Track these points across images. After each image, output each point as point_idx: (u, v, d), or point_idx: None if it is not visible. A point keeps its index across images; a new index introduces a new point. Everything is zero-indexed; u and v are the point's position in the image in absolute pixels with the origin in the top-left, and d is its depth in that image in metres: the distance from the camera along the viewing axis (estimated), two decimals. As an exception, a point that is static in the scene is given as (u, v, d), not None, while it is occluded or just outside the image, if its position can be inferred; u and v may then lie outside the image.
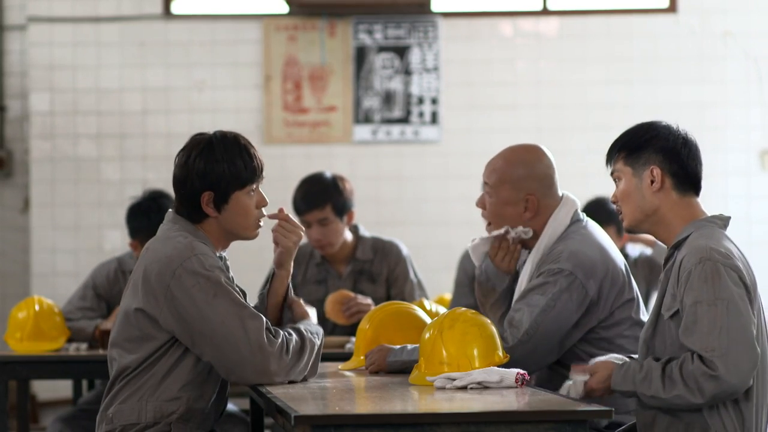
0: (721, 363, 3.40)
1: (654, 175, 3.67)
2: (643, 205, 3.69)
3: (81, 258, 8.43)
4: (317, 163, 8.26)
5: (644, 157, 3.69)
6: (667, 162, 3.67)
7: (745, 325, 3.43)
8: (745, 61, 8.52)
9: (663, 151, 3.68)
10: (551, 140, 8.46)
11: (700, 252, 3.51)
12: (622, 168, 3.73)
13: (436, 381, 3.57)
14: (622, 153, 3.73)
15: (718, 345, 3.41)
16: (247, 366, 3.66)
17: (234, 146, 3.78)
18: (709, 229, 3.62)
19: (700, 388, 3.42)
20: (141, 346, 3.71)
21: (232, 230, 3.83)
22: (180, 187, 3.79)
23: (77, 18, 8.53)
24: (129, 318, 3.73)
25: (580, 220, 4.21)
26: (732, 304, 3.44)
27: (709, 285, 3.47)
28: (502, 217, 4.22)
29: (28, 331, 5.38)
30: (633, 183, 3.71)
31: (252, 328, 3.66)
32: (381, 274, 5.76)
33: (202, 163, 3.75)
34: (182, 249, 3.69)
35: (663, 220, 3.68)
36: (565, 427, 3.07)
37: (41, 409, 8.61)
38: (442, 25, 8.54)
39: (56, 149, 8.51)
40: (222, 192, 3.76)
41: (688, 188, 3.68)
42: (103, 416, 3.76)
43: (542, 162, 4.25)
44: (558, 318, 4.02)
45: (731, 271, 3.49)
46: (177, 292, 3.65)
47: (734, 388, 3.41)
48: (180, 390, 3.71)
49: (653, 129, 3.72)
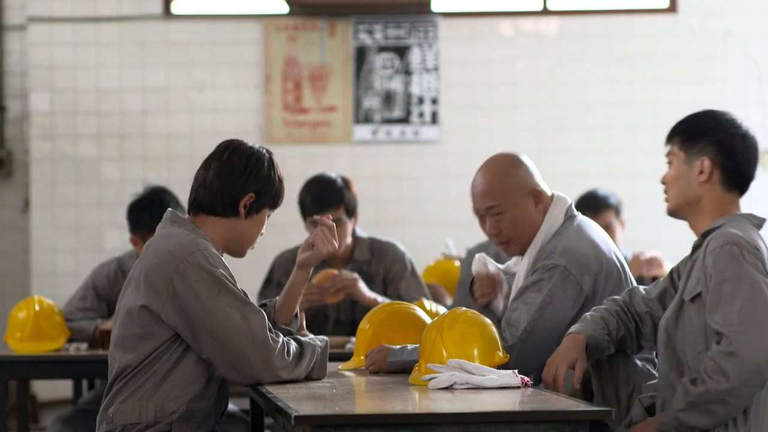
0: (739, 338, 3.37)
1: (704, 166, 3.66)
2: (687, 192, 3.69)
3: (81, 258, 8.43)
4: (317, 163, 8.26)
5: (699, 146, 3.67)
6: (720, 156, 3.66)
7: (767, 305, 3.41)
8: (745, 62, 8.52)
9: (719, 144, 3.66)
10: (551, 140, 8.48)
11: (727, 237, 3.51)
12: (676, 152, 3.72)
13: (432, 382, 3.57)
14: (679, 137, 3.71)
15: (738, 320, 3.39)
16: (251, 361, 3.66)
17: (279, 171, 3.91)
18: (742, 222, 3.62)
19: (723, 371, 3.38)
20: (142, 344, 3.71)
21: (240, 238, 3.87)
22: (228, 180, 3.81)
23: (77, 18, 8.53)
24: (131, 315, 3.73)
25: (574, 216, 4.22)
26: (756, 284, 3.43)
27: (735, 264, 3.46)
28: (524, 225, 4.20)
29: (28, 331, 5.38)
30: (683, 169, 3.70)
31: (255, 324, 3.67)
32: (378, 274, 5.76)
33: (265, 170, 3.84)
34: (186, 244, 3.71)
35: (702, 211, 3.68)
36: (564, 427, 3.07)
37: (41, 409, 8.60)
38: (442, 25, 8.54)
39: (56, 149, 8.51)
40: (259, 203, 3.85)
41: (734, 185, 3.67)
42: (104, 416, 3.76)
43: (520, 159, 4.29)
44: (555, 314, 4.02)
45: (755, 259, 3.48)
46: (180, 286, 3.66)
47: (757, 365, 3.36)
48: (181, 389, 3.71)
49: (714, 119, 3.71)
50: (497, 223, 4.20)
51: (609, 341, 3.82)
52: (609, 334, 3.82)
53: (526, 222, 4.19)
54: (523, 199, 4.20)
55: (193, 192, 3.87)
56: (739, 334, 3.38)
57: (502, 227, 4.20)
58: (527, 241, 4.21)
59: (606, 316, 3.84)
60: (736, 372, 3.37)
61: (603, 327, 3.82)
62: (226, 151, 3.86)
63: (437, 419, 3.06)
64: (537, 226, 4.19)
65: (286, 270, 5.83)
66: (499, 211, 4.19)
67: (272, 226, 8.67)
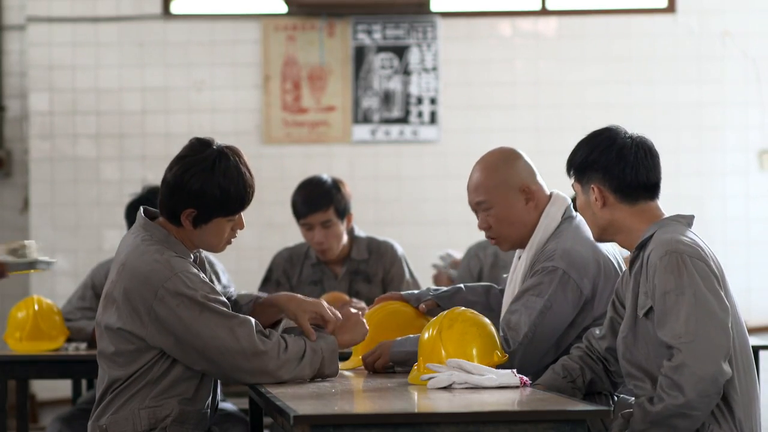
0: (687, 349, 3.38)
1: (595, 193, 3.69)
2: (597, 220, 3.72)
3: (80, 258, 8.43)
4: (316, 163, 8.27)
5: (586, 176, 3.73)
6: (607, 180, 3.69)
7: (713, 312, 3.42)
8: (744, 61, 8.52)
9: (600, 169, 3.70)
10: (550, 140, 8.48)
11: (665, 245, 3.52)
12: (575, 185, 3.78)
13: (431, 382, 3.57)
14: (572, 171, 3.77)
15: (685, 332, 3.40)
16: (247, 370, 3.66)
17: (234, 171, 3.74)
18: (671, 225, 3.62)
19: (677, 385, 3.39)
20: (131, 362, 3.69)
21: (201, 244, 3.82)
22: (168, 194, 3.76)
23: (76, 18, 8.53)
24: (112, 334, 3.70)
25: (572, 217, 4.21)
26: (698, 292, 3.43)
27: (675, 275, 3.46)
28: (510, 222, 4.19)
29: (27, 331, 5.38)
30: (583, 200, 3.75)
31: (243, 336, 3.65)
32: (376, 274, 5.78)
33: (198, 183, 3.71)
34: (161, 269, 3.65)
35: (622, 230, 3.70)
36: (564, 426, 3.07)
37: (41, 409, 8.61)
38: (440, 25, 8.54)
39: (55, 149, 8.52)
40: (206, 215, 3.75)
41: (638, 197, 3.68)
42: (95, 426, 3.74)
43: (517, 156, 4.28)
44: (554, 319, 4.03)
45: (698, 261, 3.48)
46: (162, 312, 3.63)
47: (710, 374, 3.37)
48: (173, 393, 3.70)
49: (591, 144, 3.75)
50: (486, 218, 4.21)
51: (574, 388, 3.83)
52: (573, 381, 3.84)
53: (513, 219, 4.19)
54: (513, 195, 4.19)
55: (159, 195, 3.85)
56: (687, 345, 3.39)
57: (491, 222, 4.21)
58: (516, 238, 4.21)
59: (568, 364, 3.87)
60: (690, 384, 3.38)
61: (565, 376, 3.84)
62: (177, 164, 3.78)
63: (436, 419, 3.06)
64: (527, 224, 4.19)
65: (284, 269, 5.86)
66: (488, 207, 4.20)
67: (272, 226, 8.63)
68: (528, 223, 4.19)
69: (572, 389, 3.82)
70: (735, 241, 8.26)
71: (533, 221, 4.19)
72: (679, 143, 8.40)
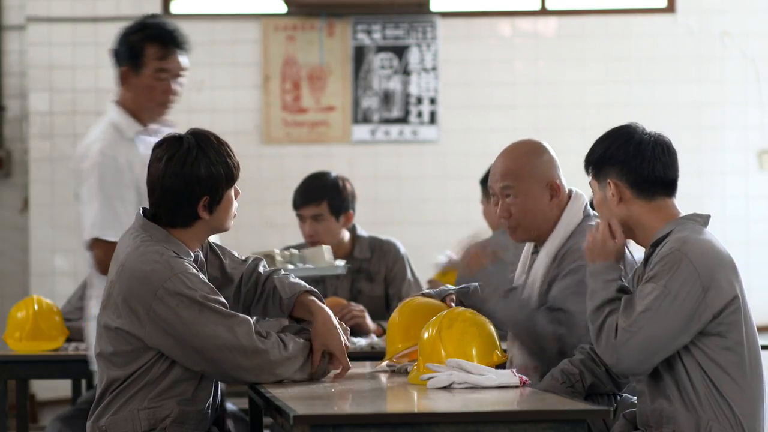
0: (625, 337, 3.46)
1: (612, 188, 3.69)
2: (612, 216, 3.70)
3: (80, 258, 8.42)
4: (316, 163, 8.26)
5: (604, 171, 3.72)
6: (624, 174, 3.68)
7: (666, 325, 3.44)
8: (743, 61, 8.53)
9: (618, 163, 3.69)
10: (549, 140, 8.37)
11: (677, 242, 3.53)
12: (592, 182, 3.78)
13: (431, 381, 3.57)
14: (590, 167, 3.77)
15: (634, 321, 3.46)
16: (245, 370, 3.67)
17: (219, 146, 3.82)
18: (688, 224, 3.62)
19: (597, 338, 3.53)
20: (129, 362, 3.69)
21: (216, 227, 3.81)
22: (175, 197, 3.73)
23: (76, 18, 8.53)
24: (111, 334, 3.70)
25: (590, 215, 4.22)
26: (671, 298, 3.45)
27: (667, 271, 3.48)
28: (534, 214, 4.18)
29: (27, 331, 5.39)
30: (600, 196, 3.75)
31: (242, 334, 3.65)
32: (379, 273, 5.78)
33: (203, 168, 3.73)
34: (161, 269, 3.65)
35: (638, 226, 3.69)
36: (564, 426, 3.08)
37: (40, 409, 8.61)
38: (440, 25, 8.55)
39: (55, 149, 8.51)
40: (217, 195, 3.76)
41: (655, 192, 3.68)
42: (95, 427, 3.73)
43: (546, 149, 4.30)
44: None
45: (694, 270, 3.48)
46: (162, 312, 3.63)
47: (616, 359, 3.49)
48: (172, 394, 3.70)
49: (608, 140, 3.75)
50: (509, 206, 4.18)
51: (573, 392, 3.83)
52: (572, 386, 3.84)
53: (536, 211, 4.17)
54: (540, 188, 4.18)
55: (151, 207, 3.79)
56: (628, 333, 3.45)
57: (513, 211, 4.17)
58: (535, 230, 4.18)
59: (567, 368, 3.88)
60: (601, 347, 3.52)
61: (564, 381, 3.85)
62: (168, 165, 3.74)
63: (436, 419, 3.07)
64: (548, 218, 4.18)
65: (284, 268, 5.87)
66: (513, 194, 4.17)
67: (272, 226, 8.63)
68: (550, 219, 4.18)
69: (572, 394, 3.82)
70: (735, 241, 8.26)
71: (555, 217, 4.18)
72: (679, 143, 8.23)
